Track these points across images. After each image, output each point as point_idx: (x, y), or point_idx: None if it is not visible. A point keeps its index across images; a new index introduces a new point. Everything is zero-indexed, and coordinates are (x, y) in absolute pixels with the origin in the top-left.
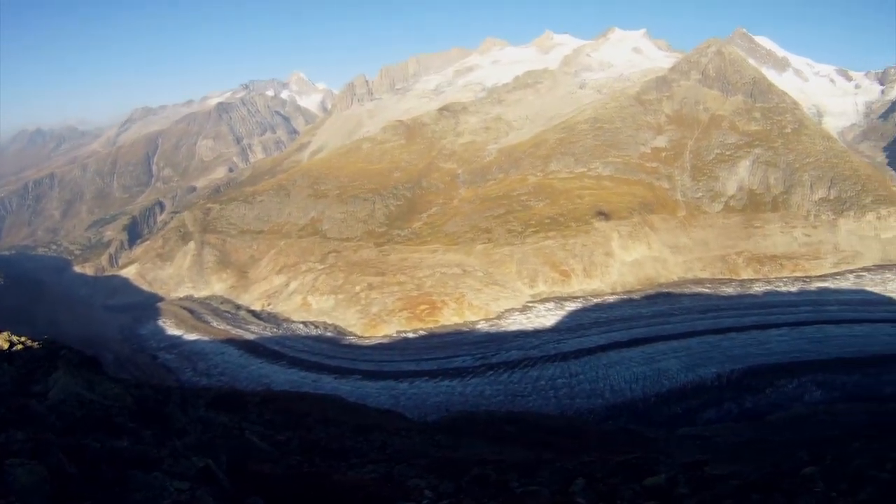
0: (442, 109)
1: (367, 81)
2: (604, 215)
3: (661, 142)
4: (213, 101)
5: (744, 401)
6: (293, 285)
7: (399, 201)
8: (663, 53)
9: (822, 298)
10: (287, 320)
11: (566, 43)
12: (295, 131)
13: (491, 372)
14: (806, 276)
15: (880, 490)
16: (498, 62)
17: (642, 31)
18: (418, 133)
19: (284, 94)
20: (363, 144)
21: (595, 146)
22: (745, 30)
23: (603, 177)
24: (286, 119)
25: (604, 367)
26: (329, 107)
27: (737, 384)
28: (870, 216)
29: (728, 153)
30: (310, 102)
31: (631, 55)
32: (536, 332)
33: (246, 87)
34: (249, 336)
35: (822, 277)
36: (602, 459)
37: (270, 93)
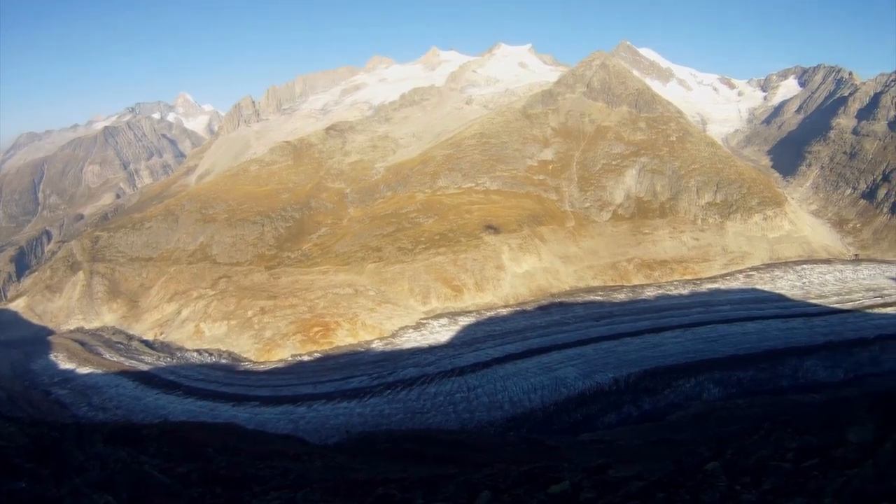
0: (329, 129)
1: (253, 102)
2: (493, 229)
3: (547, 154)
4: (100, 125)
5: (643, 403)
6: (185, 313)
7: (288, 223)
8: (549, 67)
9: (714, 299)
10: (181, 349)
11: (452, 59)
12: (182, 155)
13: (389, 391)
14: (696, 279)
15: (783, 479)
16: (385, 80)
17: (528, 46)
18: (306, 153)
19: (171, 117)
20: (251, 166)
21: (482, 161)
22: (629, 42)
23: (491, 191)
24: (173, 142)
25: (501, 379)
26: (216, 129)
27: (635, 387)
28: (756, 217)
29: (614, 163)
30: (196, 125)
31: (517, 70)
32: (432, 349)
33: (132, 109)
34: (143, 367)
35: (713, 279)
36: (506, 470)
37: (157, 115)
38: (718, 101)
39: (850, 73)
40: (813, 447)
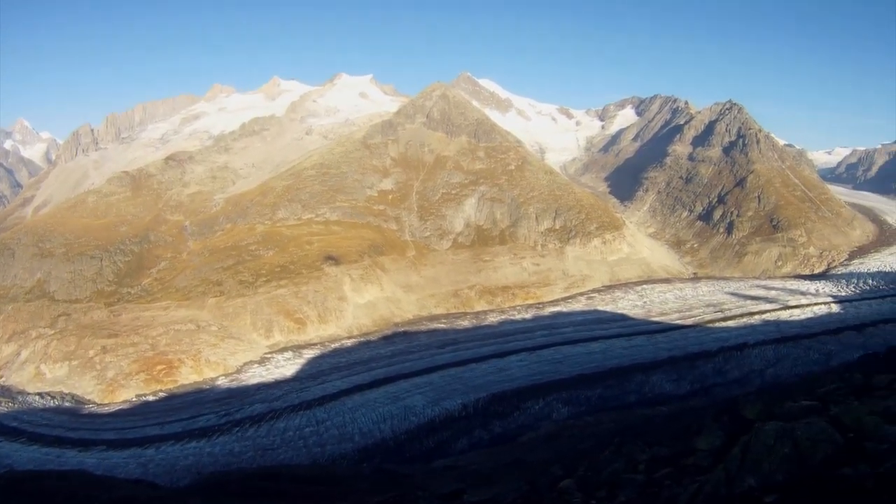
0: (168, 159)
1: (92, 130)
2: (334, 260)
3: (387, 184)
4: None
5: (493, 426)
6: (24, 354)
7: (127, 257)
8: (389, 98)
9: (557, 322)
10: (22, 392)
11: (293, 89)
12: (19, 185)
13: (237, 428)
14: (539, 303)
15: (637, 490)
16: (225, 109)
17: (369, 76)
18: (144, 184)
19: (7, 144)
20: (89, 198)
21: (322, 192)
22: (469, 74)
23: (331, 222)
24: (10, 171)
25: (350, 410)
26: (53, 157)
27: (484, 412)
28: (595, 241)
29: (454, 192)
30: (34, 153)
31: (357, 100)
32: (278, 383)
33: None
34: None
35: (555, 302)
36: (361, 502)
37: None
38: (557, 130)
39: (686, 103)
40: (664, 457)
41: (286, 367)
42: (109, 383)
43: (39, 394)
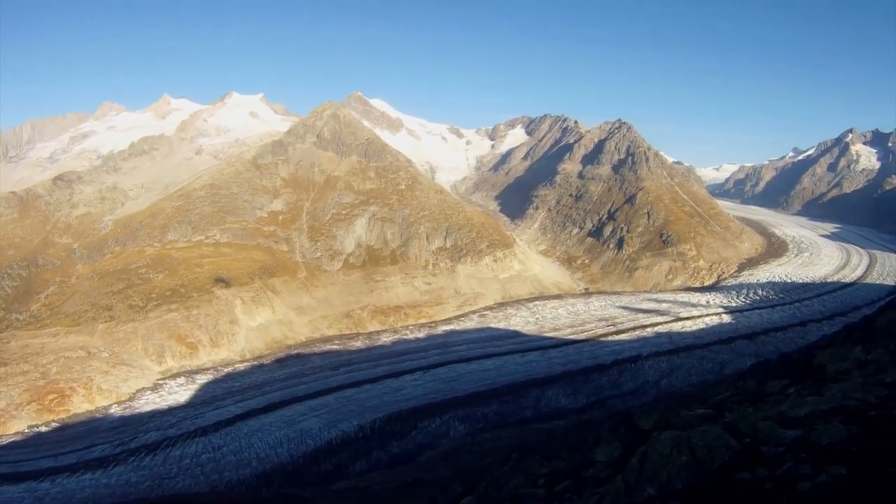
0: (56, 179)
1: None
2: (225, 282)
3: (278, 205)
4: None
5: (391, 447)
6: None
7: (15, 282)
8: (280, 117)
9: (450, 340)
10: None
11: (183, 108)
12: None
13: (133, 458)
14: (432, 322)
15: None
16: (114, 128)
17: (260, 95)
18: (32, 205)
19: None
20: None
21: (212, 213)
22: (360, 93)
23: (221, 244)
24: None
25: (245, 436)
26: None
27: (381, 432)
28: (487, 259)
29: (344, 212)
30: None
31: (248, 119)
32: (172, 410)
33: None
34: None
35: (448, 321)
36: None
37: None
38: (447, 149)
39: (576, 122)
40: (563, 471)
41: (180, 394)
42: (0, 415)
43: None
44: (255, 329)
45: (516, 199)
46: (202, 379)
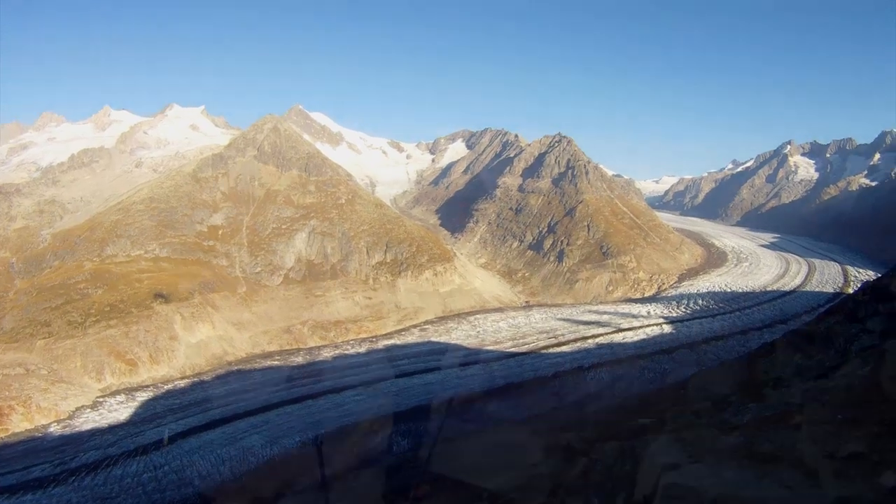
0: None
1: None
2: (164, 298)
3: (217, 219)
4: None
5: (333, 463)
6: None
7: None
8: (220, 130)
9: (392, 354)
10: None
11: (124, 119)
12: None
13: (73, 478)
14: (373, 336)
15: None
16: (54, 139)
17: (201, 108)
18: None
19: None
20: None
21: (152, 227)
22: (301, 107)
23: (161, 258)
24: None
25: (187, 454)
26: None
27: (323, 448)
28: (427, 273)
29: (284, 227)
30: None
31: (188, 132)
32: (112, 428)
33: None
34: None
35: (388, 335)
36: None
37: None
38: (387, 163)
39: (516, 136)
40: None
41: (119, 411)
42: None
43: None
44: (195, 345)
45: (457, 212)
46: (142, 396)
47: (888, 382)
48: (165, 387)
